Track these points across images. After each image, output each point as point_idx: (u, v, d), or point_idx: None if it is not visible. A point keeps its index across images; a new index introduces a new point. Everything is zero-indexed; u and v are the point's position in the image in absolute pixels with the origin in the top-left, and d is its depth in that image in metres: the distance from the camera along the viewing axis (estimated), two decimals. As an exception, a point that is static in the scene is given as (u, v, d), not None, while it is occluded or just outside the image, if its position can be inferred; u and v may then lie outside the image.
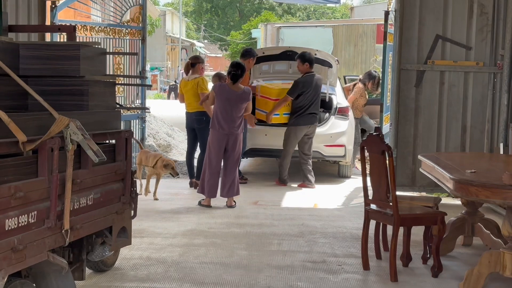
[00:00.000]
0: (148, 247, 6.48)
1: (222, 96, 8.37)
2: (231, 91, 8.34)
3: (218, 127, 8.38)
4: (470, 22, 8.85)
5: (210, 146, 8.53)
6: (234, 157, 8.47)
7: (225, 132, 8.35)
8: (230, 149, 8.42)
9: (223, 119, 8.35)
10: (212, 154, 8.45)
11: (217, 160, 8.47)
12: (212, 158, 8.45)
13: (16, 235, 3.58)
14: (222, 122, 8.35)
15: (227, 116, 8.33)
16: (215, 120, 8.44)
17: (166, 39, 45.81)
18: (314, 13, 63.21)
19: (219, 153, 8.44)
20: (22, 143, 3.64)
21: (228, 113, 8.33)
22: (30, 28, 7.24)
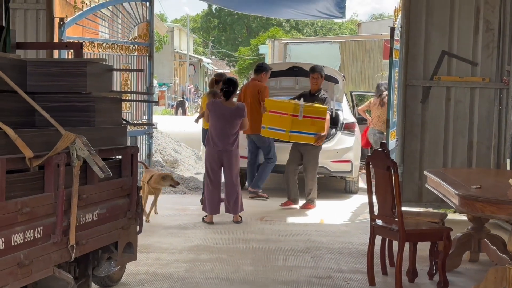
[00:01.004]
0: (154, 262, 6.50)
1: (215, 113, 8.42)
2: (225, 108, 8.37)
3: (212, 144, 8.42)
4: (476, 38, 8.87)
5: (207, 163, 8.59)
6: (232, 174, 8.47)
7: (219, 148, 8.38)
8: (227, 165, 8.42)
9: (216, 136, 8.38)
10: (210, 171, 8.48)
11: (216, 177, 8.49)
12: (210, 175, 8.48)
13: (22, 250, 3.61)
14: (216, 139, 8.39)
15: (221, 133, 8.35)
16: (209, 137, 8.50)
17: (174, 55, 46.00)
18: (321, 29, 63.38)
19: (216, 170, 8.47)
20: (28, 159, 3.68)
21: (221, 130, 8.35)
22: (37, 45, 7.32)
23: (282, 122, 9.18)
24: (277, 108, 9.27)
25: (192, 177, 12.19)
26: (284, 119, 9.13)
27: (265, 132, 9.43)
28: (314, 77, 9.56)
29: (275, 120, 9.22)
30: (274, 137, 9.58)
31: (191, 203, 9.97)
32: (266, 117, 9.35)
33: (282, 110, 9.17)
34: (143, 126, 10.46)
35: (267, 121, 9.34)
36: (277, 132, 9.29)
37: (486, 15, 8.82)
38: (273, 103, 9.45)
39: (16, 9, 8.90)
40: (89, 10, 10.12)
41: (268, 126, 9.27)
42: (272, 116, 9.25)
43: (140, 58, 10.72)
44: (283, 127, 9.16)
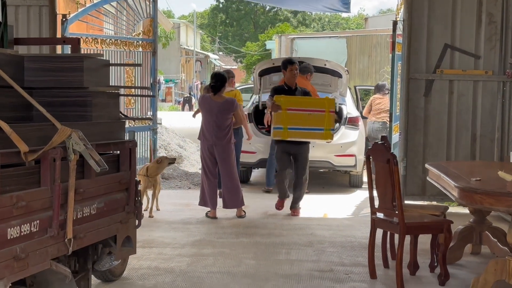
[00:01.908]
0: (157, 257, 6.52)
1: (204, 107, 8.48)
2: (213, 102, 8.39)
3: (204, 138, 8.48)
4: (478, 31, 8.84)
5: (202, 158, 8.66)
6: (226, 168, 8.47)
7: (209, 143, 8.40)
8: (220, 159, 8.44)
9: (206, 130, 8.42)
10: (205, 166, 8.52)
11: (211, 170, 8.51)
12: (206, 169, 8.52)
13: (19, 244, 3.63)
14: (206, 133, 8.43)
15: (210, 127, 8.38)
16: (201, 131, 8.57)
17: (181, 52, 46.04)
18: (328, 24, 63.32)
19: (210, 164, 8.49)
20: (24, 153, 3.69)
21: (210, 124, 8.38)
22: (35, 40, 7.36)
23: (318, 121, 8.47)
24: (300, 104, 8.52)
25: (196, 172, 12.22)
26: (319, 117, 8.45)
27: (285, 134, 8.47)
28: (293, 69, 8.67)
29: (300, 118, 8.41)
30: (303, 138, 8.60)
31: (195, 198, 9.93)
32: (283, 116, 8.42)
33: (313, 107, 8.54)
34: (147, 122, 10.50)
35: (286, 121, 8.42)
36: (310, 132, 8.52)
37: (489, 7, 8.79)
38: (292, 99, 8.58)
39: (19, 6, 8.93)
40: (92, 6, 10.15)
41: (289, 126, 8.41)
42: (294, 115, 8.41)
43: (144, 54, 10.75)
44: (321, 125, 8.48)
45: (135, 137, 5.26)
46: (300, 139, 8.57)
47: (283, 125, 8.38)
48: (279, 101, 8.45)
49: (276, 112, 8.42)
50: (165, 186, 10.87)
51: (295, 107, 8.44)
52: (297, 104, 8.52)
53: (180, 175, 11.76)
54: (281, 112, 8.42)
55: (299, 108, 8.44)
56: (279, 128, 8.44)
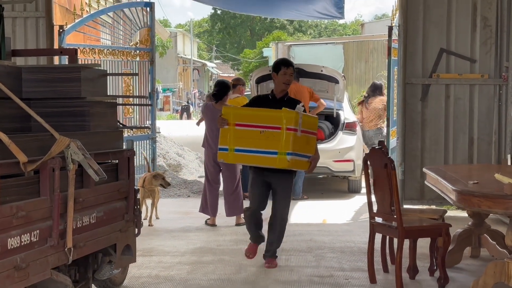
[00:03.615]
0: (157, 265, 6.54)
1: (207, 115, 8.52)
2: (216, 110, 8.41)
3: (208, 146, 8.51)
4: (474, 35, 8.89)
5: (205, 165, 8.69)
6: (230, 175, 8.50)
7: (213, 151, 8.43)
8: (223, 167, 8.47)
9: (210, 138, 8.46)
10: (208, 173, 8.56)
11: (213, 177, 8.54)
12: (209, 177, 8.55)
13: (19, 254, 3.65)
14: (210, 141, 8.46)
15: (214, 135, 8.40)
16: (205, 139, 8.60)
17: (178, 60, 46.10)
18: (325, 30, 63.43)
19: (213, 171, 8.52)
20: (23, 163, 3.72)
21: (214, 132, 8.39)
22: (33, 52, 7.39)
23: (271, 141, 6.06)
24: (252, 119, 6.18)
25: (195, 181, 12.23)
26: (273, 135, 6.03)
27: (230, 157, 6.30)
28: (287, 73, 6.38)
29: (251, 137, 6.15)
30: (253, 163, 6.38)
31: (194, 206, 9.98)
32: (230, 134, 6.22)
33: (267, 122, 6.08)
34: (146, 130, 10.52)
35: (233, 140, 6.21)
36: (261, 157, 6.14)
37: (484, 11, 8.83)
38: (243, 112, 6.44)
39: (16, 18, 8.96)
40: (89, 16, 10.19)
41: (236, 147, 6.19)
42: (243, 132, 6.18)
43: (142, 63, 10.78)
44: (274, 148, 6.04)
45: (133, 146, 5.27)
46: (249, 164, 6.55)
47: (229, 145, 6.20)
48: (227, 113, 6.28)
49: (222, 127, 6.25)
50: (164, 195, 10.88)
51: (246, 122, 6.18)
52: (248, 117, 6.20)
53: (179, 184, 11.78)
54: (228, 128, 6.22)
55: (250, 124, 6.15)
56: (224, 149, 6.25)
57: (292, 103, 6.28)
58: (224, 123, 6.24)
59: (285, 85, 6.39)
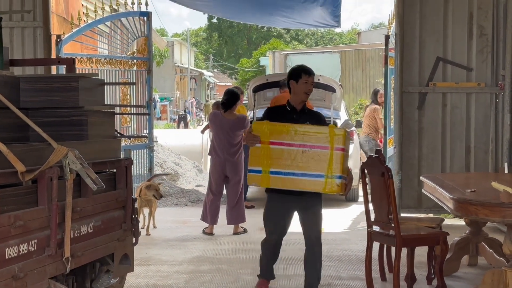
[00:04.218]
0: (155, 274, 6.53)
1: (215, 124, 8.52)
2: (224, 119, 8.43)
3: (215, 154, 8.50)
4: (470, 44, 8.92)
5: (210, 173, 8.66)
6: (235, 184, 8.53)
7: (221, 159, 8.44)
8: (230, 176, 8.49)
9: (218, 147, 8.46)
10: (212, 181, 8.55)
11: (217, 187, 8.55)
12: (212, 184, 8.56)
13: (17, 263, 3.65)
14: (218, 150, 8.46)
15: (221, 144, 8.42)
16: (212, 147, 8.58)
17: (175, 69, 46.14)
18: (322, 39, 63.57)
19: (218, 180, 8.53)
20: (21, 173, 3.72)
21: (222, 141, 8.42)
22: (31, 61, 7.40)
23: (317, 162, 5.30)
24: (291, 136, 5.35)
25: (193, 190, 12.23)
26: (319, 156, 5.28)
27: (264, 180, 5.40)
28: (309, 81, 5.64)
29: (290, 157, 5.33)
30: (292, 188, 5.43)
31: (192, 216, 10.00)
32: (264, 153, 5.36)
33: (311, 141, 5.31)
34: (143, 140, 10.53)
35: (267, 160, 5.34)
36: (304, 180, 5.34)
37: (480, 20, 8.87)
38: (279, 128, 5.42)
39: (14, 28, 8.99)
40: (86, 26, 10.21)
41: (272, 169, 5.35)
42: (281, 151, 5.35)
43: (139, 73, 10.80)
44: (320, 170, 5.30)
45: (131, 155, 5.28)
46: (287, 189, 5.46)
47: (263, 166, 5.34)
48: (259, 129, 5.40)
49: (253, 146, 5.37)
50: (161, 204, 10.88)
51: (283, 140, 5.36)
52: (286, 135, 5.37)
53: (176, 193, 11.78)
54: (261, 146, 5.36)
55: (289, 142, 5.35)
56: (256, 171, 5.37)
57: (315, 117, 5.68)
58: (256, 141, 5.32)
59: (306, 95, 5.63)
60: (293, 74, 5.66)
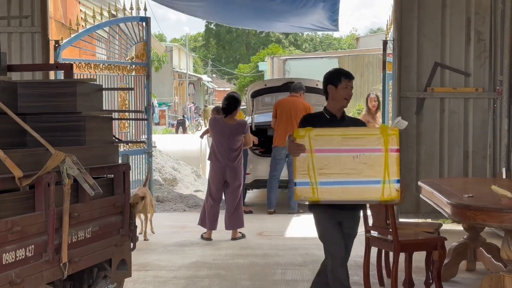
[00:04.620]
0: (153, 280, 6.52)
1: (216, 129, 8.51)
2: (225, 124, 8.44)
3: (215, 159, 8.49)
4: (468, 49, 8.94)
5: (210, 178, 8.64)
6: (234, 190, 8.52)
7: (221, 164, 8.44)
8: (230, 181, 8.48)
9: (218, 152, 8.45)
10: (212, 186, 8.54)
11: (217, 192, 8.54)
12: (211, 190, 8.55)
13: (14, 269, 3.65)
14: (218, 155, 8.45)
15: (222, 149, 8.42)
16: (212, 152, 8.57)
17: (173, 75, 46.17)
18: (320, 44, 63.64)
19: (218, 185, 8.52)
20: (18, 178, 3.72)
21: (222, 146, 8.42)
22: (28, 67, 7.41)
23: (371, 167, 4.73)
24: (338, 142, 4.77)
25: (191, 195, 12.22)
26: (373, 160, 4.73)
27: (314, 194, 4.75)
28: (349, 86, 5.12)
29: (340, 165, 4.75)
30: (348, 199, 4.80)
31: (190, 221, 9.98)
32: (310, 163, 4.77)
33: (361, 144, 4.74)
34: (142, 145, 10.52)
35: (315, 171, 4.76)
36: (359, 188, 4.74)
37: (477, 25, 8.89)
38: (324, 134, 4.83)
39: (12, 33, 8.99)
40: (85, 31, 10.22)
41: (321, 180, 4.73)
42: (328, 159, 4.75)
43: (138, 78, 10.80)
44: (376, 176, 4.72)
45: (129, 161, 5.27)
46: (341, 201, 4.84)
47: (311, 178, 4.78)
48: (302, 137, 4.79)
49: (298, 156, 4.78)
50: (160, 209, 10.88)
51: (330, 146, 4.80)
52: (332, 140, 4.80)
53: (174, 198, 11.77)
54: (306, 156, 4.78)
55: (337, 148, 4.80)
56: (304, 184, 4.78)
57: (357, 123, 5.28)
58: (300, 150, 4.72)
59: (346, 101, 5.13)
60: (332, 78, 5.13)
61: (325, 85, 5.17)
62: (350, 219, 5.04)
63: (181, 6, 12.86)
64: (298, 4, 11.37)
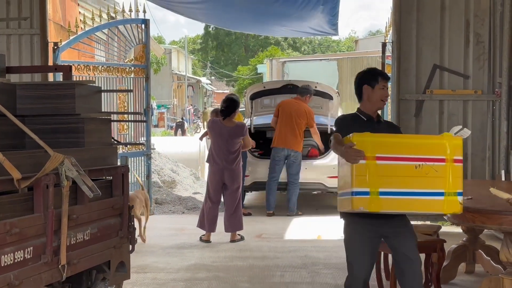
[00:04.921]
0: (151, 282, 6.51)
1: (214, 131, 8.50)
2: (223, 126, 8.43)
3: (213, 161, 8.49)
4: (467, 51, 8.95)
5: (208, 181, 8.65)
6: (233, 192, 8.52)
7: (219, 167, 8.43)
8: (228, 183, 8.48)
9: (216, 154, 8.44)
10: (210, 188, 8.54)
11: (215, 194, 8.54)
12: (210, 192, 8.54)
13: (12, 271, 3.64)
14: (216, 157, 8.45)
15: (220, 151, 8.41)
16: (210, 154, 8.57)
17: (172, 77, 46.17)
18: (319, 46, 63.69)
19: (216, 187, 8.51)
20: (17, 180, 3.72)
21: (221, 148, 8.41)
22: (27, 69, 7.40)
23: (433, 178, 4.46)
24: (399, 149, 4.51)
25: (190, 197, 12.22)
26: (435, 170, 4.46)
27: (373, 203, 4.40)
28: (386, 87, 4.92)
29: (401, 174, 4.48)
30: (408, 210, 4.63)
31: (189, 223, 9.97)
32: (370, 171, 4.40)
33: (423, 153, 4.49)
34: (141, 147, 10.52)
35: (375, 179, 4.41)
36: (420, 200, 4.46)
37: (476, 28, 8.90)
38: (384, 140, 4.57)
39: (11, 35, 8.99)
40: (84, 33, 10.22)
41: (382, 189, 4.41)
42: (389, 167, 4.46)
43: (137, 80, 10.80)
44: (438, 187, 4.46)
45: (128, 163, 5.27)
46: (401, 212, 4.67)
47: (370, 186, 4.45)
48: (362, 142, 4.46)
49: (356, 162, 4.41)
50: (158, 211, 10.88)
51: (391, 154, 4.54)
52: (394, 147, 4.56)
53: (173, 200, 11.76)
54: (365, 163, 4.45)
55: (398, 156, 4.55)
56: (363, 193, 4.46)
57: (393, 126, 5.11)
58: (360, 157, 4.37)
59: (383, 103, 4.90)
60: (368, 78, 4.87)
61: (360, 85, 4.89)
62: (394, 227, 4.65)
63: (181, 9, 12.87)
64: (298, 6, 11.37)
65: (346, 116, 5.13)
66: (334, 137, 4.62)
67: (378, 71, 4.97)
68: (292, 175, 10.33)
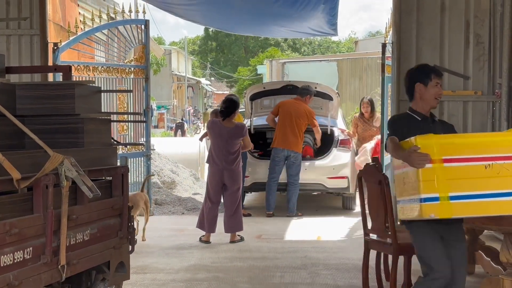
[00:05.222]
0: (151, 283, 6.51)
1: (214, 132, 8.50)
2: (223, 127, 8.43)
3: (213, 162, 8.48)
4: (466, 52, 8.93)
5: (208, 181, 8.64)
6: (233, 193, 8.51)
7: (219, 167, 8.43)
8: (228, 184, 8.47)
9: (216, 155, 8.44)
10: (210, 189, 8.53)
11: (215, 195, 8.53)
12: (210, 192, 8.53)
13: (12, 271, 3.63)
14: (216, 158, 8.44)
15: (220, 152, 8.41)
16: (210, 155, 8.57)
17: (172, 78, 46.18)
18: (319, 47, 63.68)
19: (216, 188, 8.51)
20: (16, 180, 3.71)
21: (220, 149, 8.41)
22: (27, 69, 7.40)
23: (505, 178, 4.24)
24: (467, 149, 4.29)
25: (189, 198, 12.22)
26: (507, 169, 4.24)
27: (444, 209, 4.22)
28: (440, 84, 4.76)
29: (471, 175, 4.26)
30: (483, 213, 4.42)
31: (188, 224, 9.96)
32: (438, 175, 4.22)
33: (492, 152, 4.27)
34: (141, 148, 10.51)
35: (444, 183, 4.22)
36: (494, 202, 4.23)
37: (476, 28, 8.88)
38: (451, 141, 4.38)
39: (11, 35, 8.97)
40: (84, 34, 10.21)
41: (452, 193, 4.20)
42: (458, 170, 4.24)
43: (137, 81, 10.80)
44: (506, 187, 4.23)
45: (127, 163, 5.26)
46: (475, 216, 4.57)
47: (440, 191, 4.22)
48: (427, 145, 4.26)
49: (422, 167, 4.22)
50: (158, 212, 10.88)
51: (458, 155, 4.29)
52: (461, 148, 4.31)
53: (173, 201, 11.76)
54: (432, 167, 4.24)
55: (466, 157, 4.29)
56: (432, 199, 4.23)
57: (448, 125, 4.95)
58: (426, 161, 4.18)
59: (436, 101, 4.73)
60: (420, 75, 4.70)
61: (411, 83, 4.73)
62: (450, 230, 4.56)
63: (180, 11, 12.85)
64: (298, 6, 11.36)
65: (399, 116, 4.98)
66: (390, 141, 4.47)
67: (430, 67, 4.82)
68: (292, 176, 10.33)
